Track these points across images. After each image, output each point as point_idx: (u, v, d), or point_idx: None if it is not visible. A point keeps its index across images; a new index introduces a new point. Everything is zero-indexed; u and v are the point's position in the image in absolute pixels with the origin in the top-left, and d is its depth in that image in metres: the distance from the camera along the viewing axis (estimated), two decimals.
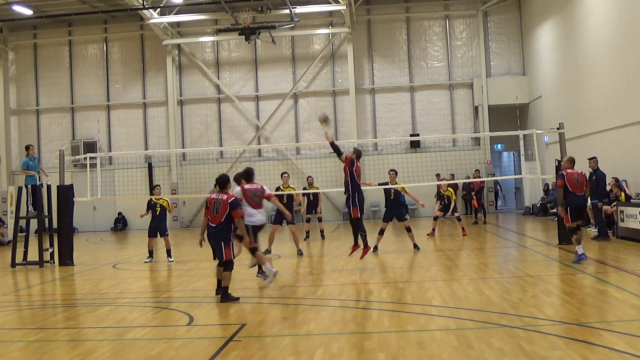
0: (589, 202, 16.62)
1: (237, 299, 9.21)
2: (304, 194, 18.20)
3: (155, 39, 28.80)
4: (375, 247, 14.35)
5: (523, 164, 17.37)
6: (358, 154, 11.97)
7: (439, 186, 18.83)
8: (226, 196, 9.32)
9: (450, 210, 18.05)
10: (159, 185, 15.82)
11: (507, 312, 7.59)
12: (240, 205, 9.60)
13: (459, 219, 18.31)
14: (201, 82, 29.41)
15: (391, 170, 15.02)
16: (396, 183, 14.71)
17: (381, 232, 14.65)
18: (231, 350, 6.45)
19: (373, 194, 24.20)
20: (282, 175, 16.15)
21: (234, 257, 9.51)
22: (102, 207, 27.98)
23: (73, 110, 29.92)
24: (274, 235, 14.48)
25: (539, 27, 25.83)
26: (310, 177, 19.62)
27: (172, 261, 14.45)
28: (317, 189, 18.38)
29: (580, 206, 11.71)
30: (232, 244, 9.43)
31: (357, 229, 11.71)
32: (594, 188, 15.02)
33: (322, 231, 18.62)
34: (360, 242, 11.72)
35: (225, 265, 9.30)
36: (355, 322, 7.75)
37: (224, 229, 9.27)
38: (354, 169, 11.61)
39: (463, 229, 18.14)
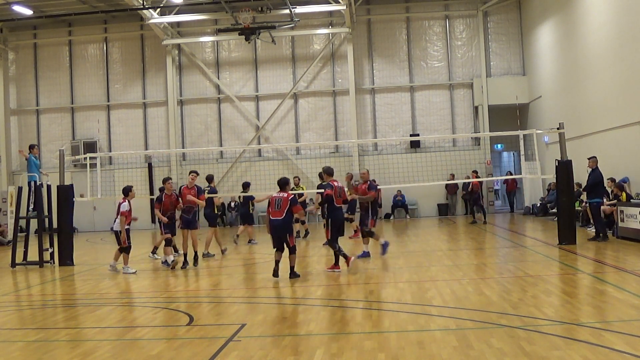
0: (586, 200, 16.60)
1: (299, 275, 11.10)
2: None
3: (155, 39, 28.80)
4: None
5: (523, 164, 17.37)
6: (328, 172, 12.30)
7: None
8: (286, 194, 11.10)
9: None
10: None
11: (507, 312, 7.59)
12: (298, 201, 11.35)
13: (350, 221, 17.79)
14: (201, 82, 29.41)
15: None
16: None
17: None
18: (231, 350, 6.45)
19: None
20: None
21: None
22: (102, 207, 27.96)
23: (73, 110, 29.92)
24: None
25: (539, 27, 25.83)
26: (296, 177, 20.17)
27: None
28: (303, 189, 19.09)
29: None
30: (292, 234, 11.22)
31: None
32: (591, 188, 14.97)
33: (306, 230, 19.47)
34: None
35: (291, 250, 11.10)
36: (355, 322, 7.74)
37: (286, 222, 11.00)
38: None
39: (355, 231, 17.74)
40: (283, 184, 11.34)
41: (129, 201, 12.93)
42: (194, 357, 6.29)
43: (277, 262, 11.21)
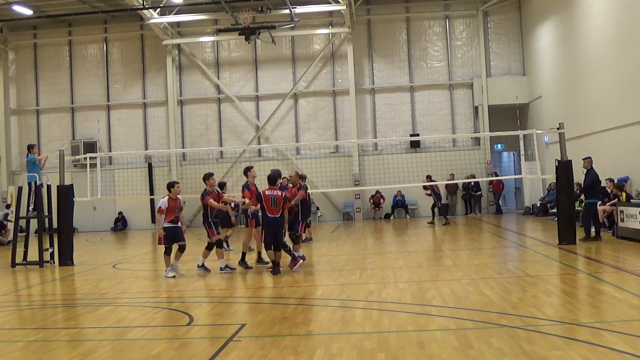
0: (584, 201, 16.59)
1: (280, 272, 11.45)
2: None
3: (155, 39, 28.81)
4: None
5: (523, 164, 17.36)
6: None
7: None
8: (280, 192, 11.34)
9: None
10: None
11: (507, 312, 7.58)
12: (289, 199, 11.65)
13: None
14: (201, 82, 29.42)
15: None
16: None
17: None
18: (231, 350, 6.45)
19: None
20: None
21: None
22: (102, 207, 27.97)
23: (73, 110, 29.93)
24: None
25: (539, 27, 25.84)
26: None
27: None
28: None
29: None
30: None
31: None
32: (588, 188, 14.96)
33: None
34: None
35: (283, 246, 11.61)
36: (355, 322, 7.74)
37: (283, 219, 11.42)
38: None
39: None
40: (274, 179, 11.50)
41: (170, 197, 11.99)
42: (194, 357, 6.29)
43: (274, 262, 11.52)
